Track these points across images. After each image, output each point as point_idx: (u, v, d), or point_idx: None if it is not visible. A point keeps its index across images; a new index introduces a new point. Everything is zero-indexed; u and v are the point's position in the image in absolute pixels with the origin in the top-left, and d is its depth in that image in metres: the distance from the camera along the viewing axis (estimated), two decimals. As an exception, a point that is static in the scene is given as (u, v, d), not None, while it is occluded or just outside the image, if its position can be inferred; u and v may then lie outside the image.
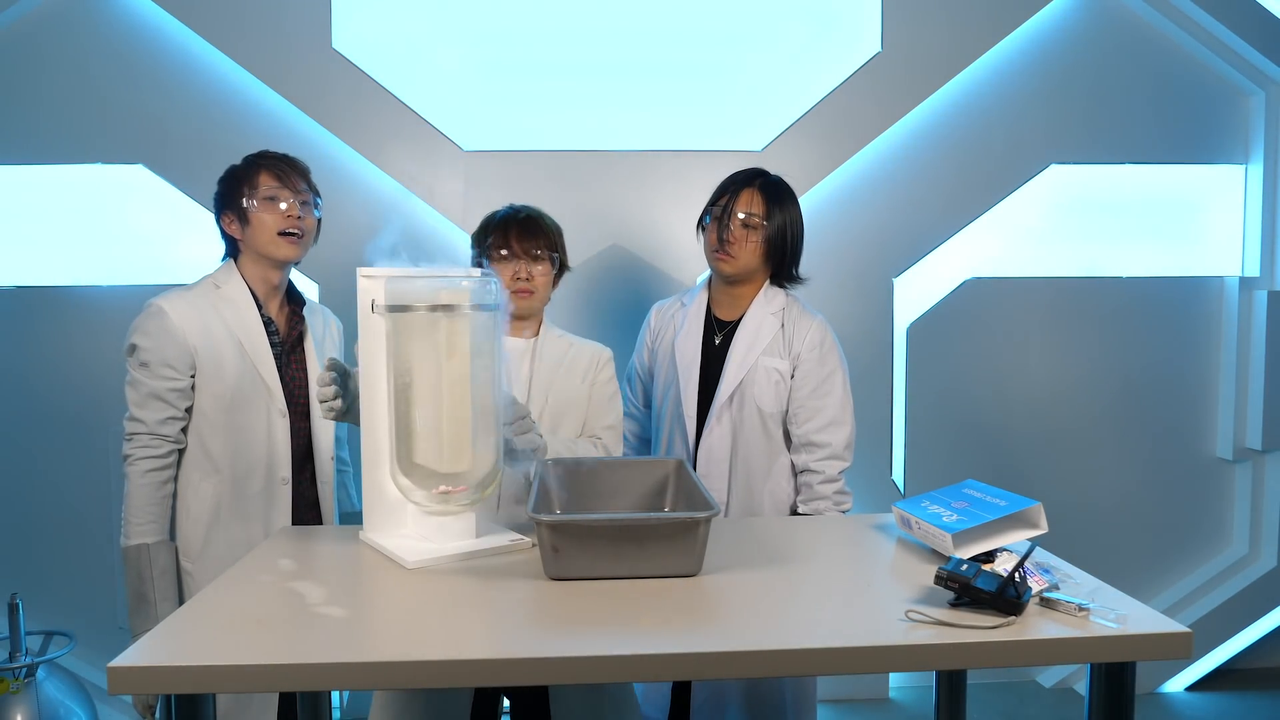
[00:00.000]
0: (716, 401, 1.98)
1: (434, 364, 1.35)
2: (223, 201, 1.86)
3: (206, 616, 1.16)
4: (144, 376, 1.76)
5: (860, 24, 2.91)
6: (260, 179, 1.82)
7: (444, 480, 1.38)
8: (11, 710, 2.34)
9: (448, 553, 1.38)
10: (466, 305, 1.35)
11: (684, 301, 2.13)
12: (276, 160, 1.86)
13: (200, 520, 1.81)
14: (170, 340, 1.76)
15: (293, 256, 1.84)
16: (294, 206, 1.82)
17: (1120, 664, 1.15)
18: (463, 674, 1.04)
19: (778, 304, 2.01)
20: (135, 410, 1.77)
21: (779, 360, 1.97)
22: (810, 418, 1.96)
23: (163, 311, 1.77)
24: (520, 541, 1.45)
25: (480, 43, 2.87)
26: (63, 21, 2.71)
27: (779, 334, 1.98)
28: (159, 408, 1.76)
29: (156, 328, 1.76)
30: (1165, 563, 3.17)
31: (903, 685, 3.11)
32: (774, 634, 1.11)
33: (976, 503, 1.44)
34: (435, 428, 1.36)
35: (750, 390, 1.97)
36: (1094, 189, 3.05)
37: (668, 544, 1.28)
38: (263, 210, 1.81)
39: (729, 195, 1.96)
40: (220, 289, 1.84)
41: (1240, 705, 2.99)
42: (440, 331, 1.35)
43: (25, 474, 2.80)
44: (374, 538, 1.46)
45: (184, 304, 1.79)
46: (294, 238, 1.82)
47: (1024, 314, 3.05)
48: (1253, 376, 3.04)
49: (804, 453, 1.97)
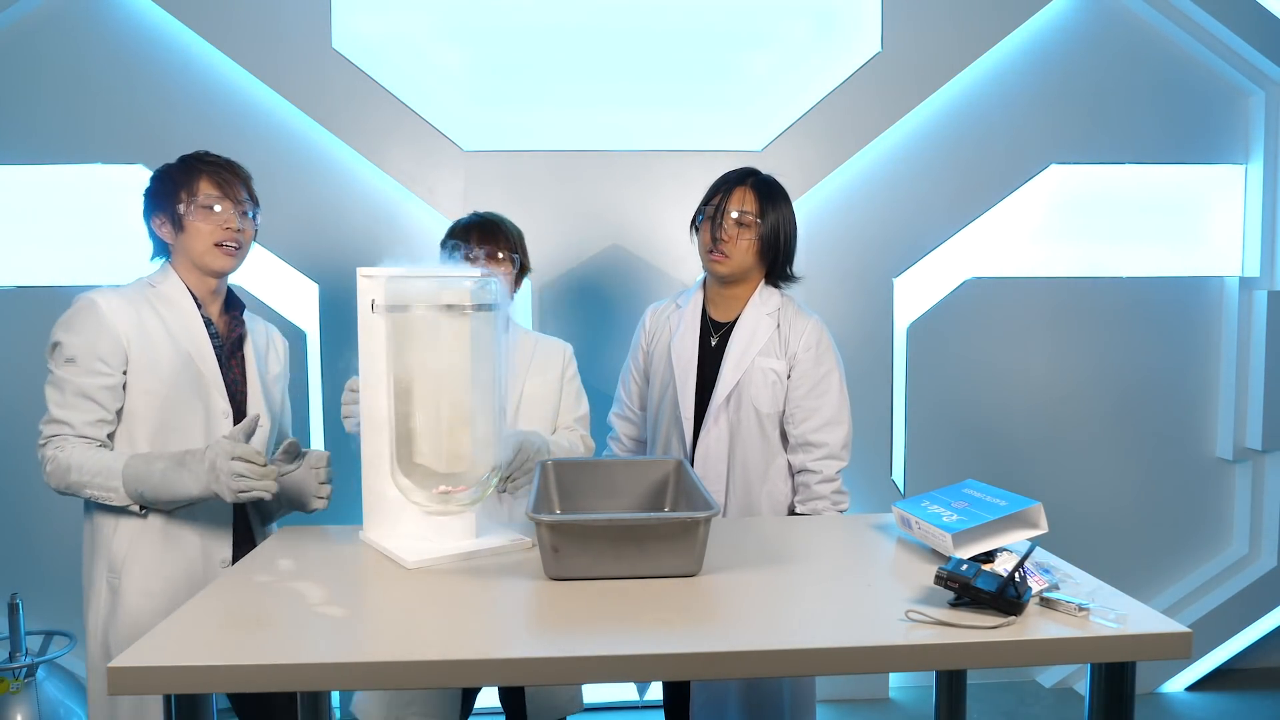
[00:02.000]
0: (713, 402, 1.97)
1: (433, 364, 1.35)
2: (155, 202, 1.73)
3: (206, 616, 1.16)
4: (70, 374, 1.61)
5: (860, 24, 2.91)
6: (199, 185, 1.69)
7: (444, 480, 1.38)
8: (11, 710, 2.34)
9: (447, 552, 1.38)
10: (467, 305, 1.34)
11: (679, 303, 2.12)
12: (218, 166, 1.73)
13: (129, 527, 1.66)
14: (102, 333, 1.62)
15: (228, 269, 1.73)
16: (233, 218, 1.70)
17: (1120, 664, 1.15)
18: (463, 674, 1.04)
19: (773, 304, 2.01)
20: (58, 412, 1.62)
21: (775, 361, 1.97)
22: (807, 418, 1.95)
23: (94, 303, 1.64)
24: (520, 541, 1.45)
25: (480, 43, 2.87)
26: (63, 22, 2.72)
27: (775, 334, 1.98)
28: (88, 408, 1.62)
29: (87, 321, 1.63)
30: (1165, 563, 3.17)
31: (903, 685, 3.11)
32: (774, 634, 1.11)
33: (976, 503, 1.44)
34: (435, 428, 1.36)
35: (747, 391, 1.96)
36: (1094, 189, 3.05)
37: (668, 544, 1.28)
38: (199, 219, 1.68)
39: (721, 194, 1.95)
40: (156, 288, 1.73)
41: (1240, 705, 2.99)
42: (440, 332, 1.34)
43: (25, 474, 2.80)
44: (374, 538, 1.46)
45: (117, 298, 1.67)
46: (231, 249, 1.70)
47: (1024, 314, 3.05)
48: (1253, 376, 3.04)
49: (801, 453, 1.96)
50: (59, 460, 1.60)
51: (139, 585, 1.65)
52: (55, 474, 1.60)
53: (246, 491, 1.48)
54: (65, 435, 1.62)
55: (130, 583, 1.65)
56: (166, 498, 1.55)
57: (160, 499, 1.56)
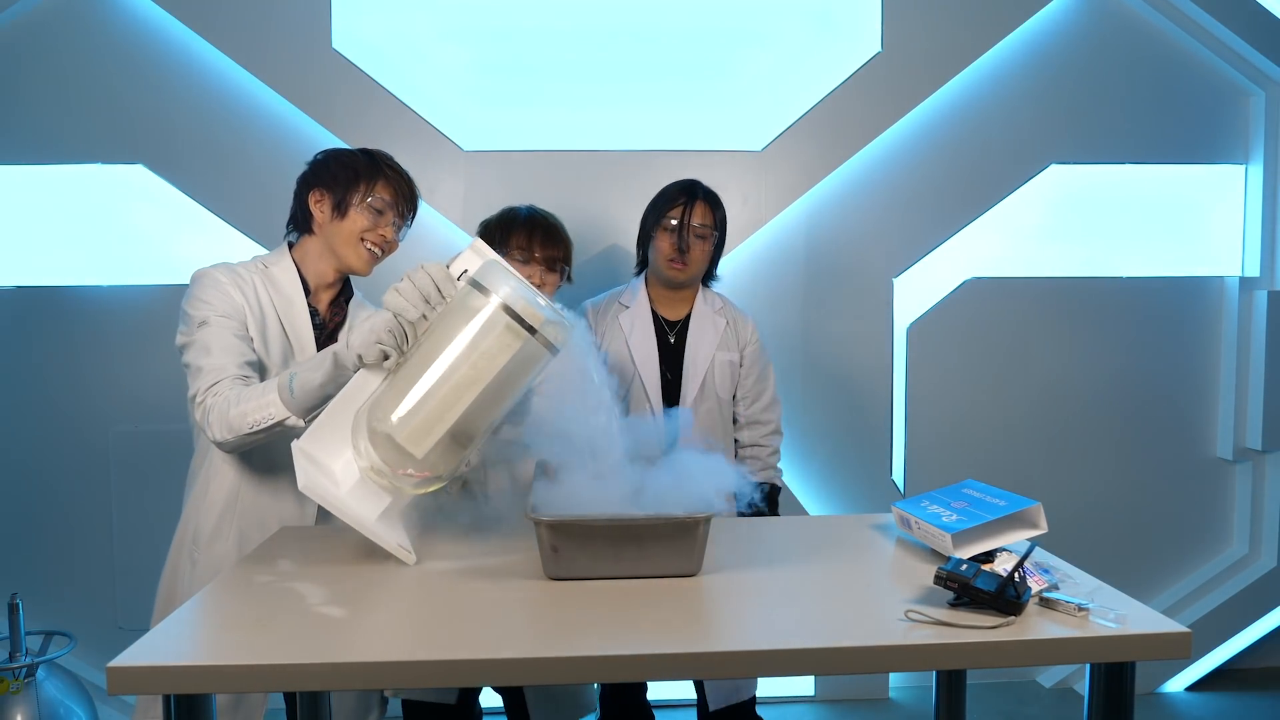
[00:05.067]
0: (686, 394, 2.22)
1: (463, 353, 1.31)
2: (323, 178, 1.71)
3: (206, 616, 1.16)
4: (207, 335, 1.58)
5: (860, 24, 2.91)
6: (380, 184, 1.70)
7: (389, 450, 1.33)
8: (11, 710, 2.35)
9: (331, 507, 1.33)
10: (535, 330, 1.30)
11: (624, 303, 2.29)
12: (401, 178, 1.75)
13: (215, 506, 1.69)
14: (227, 299, 1.62)
15: (363, 271, 1.74)
16: (391, 228, 1.72)
17: (1120, 664, 1.15)
18: (463, 674, 1.04)
19: (717, 304, 2.30)
20: (209, 362, 1.55)
21: (731, 353, 2.27)
22: (756, 399, 2.31)
23: (210, 275, 1.64)
24: (401, 553, 1.37)
25: (480, 43, 2.87)
26: (62, 21, 2.71)
27: (727, 329, 2.27)
28: (236, 352, 1.58)
29: (208, 289, 1.62)
30: (1165, 563, 3.17)
31: (903, 685, 3.11)
32: (774, 634, 1.11)
33: (976, 503, 1.44)
34: (421, 404, 1.31)
35: (711, 381, 2.24)
36: (1094, 189, 3.05)
37: (668, 544, 1.28)
38: (364, 214, 1.69)
39: (684, 208, 2.16)
40: (269, 269, 1.72)
41: (1240, 705, 2.99)
42: (495, 334, 1.30)
43: (25, 474, 2.80)
44: (306, 447, 1.40)
45: (230, 274, 1.66)
46: (375, 254, 1.72)
47: (1024, 314, 3.05)
48: (1253, 376, 3.04)
49: (749, 430, 2.31)
50: (218, 405, 1.52)
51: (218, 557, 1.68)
52: (218, 422, 1.51)
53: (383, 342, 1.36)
54: (221, 380, 1.55)
55: (209, 559, 1.68)
56: (314, 374, 1.45)
57: (309, 377, 1.45)
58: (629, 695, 2.36)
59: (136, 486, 2.78)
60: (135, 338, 2.78)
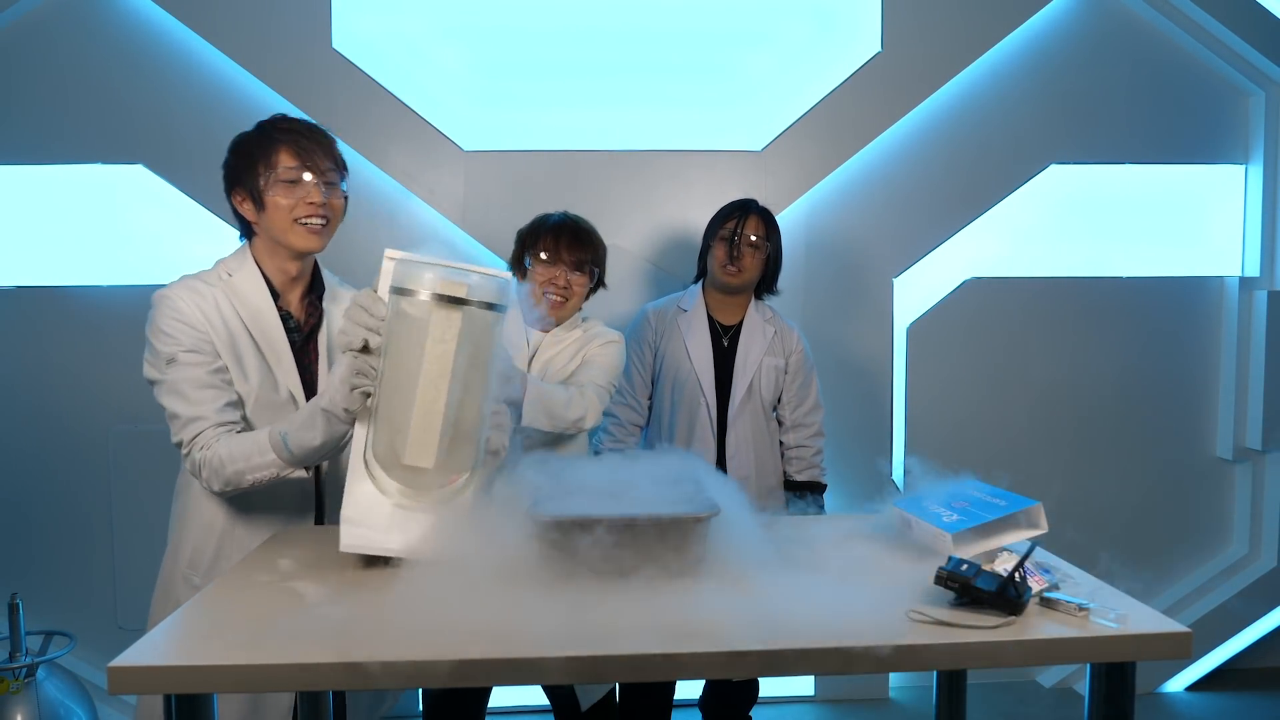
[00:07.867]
0: (736, 395, 2.40)
1: (418, 354, 1.29)
2: (233, 176, 1.59)
3: (206, 616, 1.16)
4: (177, 374, 1.51)
5: (860, 24, 2.91)
6: (278, 156, 1.55)
7: (406, 475, 1.33)
8: (11, 710, 2.34)
9: (377, 551, 1.34)
10: (466, 300, 1.29)
11: (683, 306, 2.46)
12: (297, 133, 1.57)
13: (214, 528, 1.62)
14: (188, 330, 1.54)
15: (314, 248, 1.60)
16: (316, 191, 1.56)
17: (1120, 664, 1.15)
18: (463, 674, 1.04)
19: (768, 313, 2.48)
20: (187, 410, 1.49)
21: (778, 359, 2.45)
22: (800, 403, 2.48)
23: (167, 299, 1.56)
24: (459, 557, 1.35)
25: (480, 43, 2.87)
26: (62, 21, 2.71)
27: (775, 338, 2.45)
28: (212, 395, 1.51)
29: (167, 319, 1.54)
30: (1165, 563, 3.17)
31: (903, 685, 3.11)
32: (774, 634, 1.11)
33: (976, 503, 1.44)
34: (406, 420, 1.30)
35: (759, 384, 2.41)
36: (1094, 189, 3.05)
37: (668, 544, 1.28)
38: (279, 194, 1.55)
39: (738, 220, 2.35)
40: (233, 278, 1.61)
41: (1240, 705, 2.99)
42: (434, 321, 1.28)
43: (25, 474, 2.80)
44: (350, 514, 1.36)
45: (189, 292, 1.57)
46: (316, 225, 1.57)
47: (1024, 314, 3.05)
48: (1253, 376, 3.04)
49: (794, 432, 2.48)
50: (209, 460, 1.49)
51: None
52: (213, 475, 1.49)
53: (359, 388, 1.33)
54: (203, 431, 1.50)
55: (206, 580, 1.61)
56: (309, 434, 1.41)
57: (304, 438, 1.42)
58: (653, 696, 2.41)
59: (136, 486, 2.78)
60: (135, 338, 2.72)
